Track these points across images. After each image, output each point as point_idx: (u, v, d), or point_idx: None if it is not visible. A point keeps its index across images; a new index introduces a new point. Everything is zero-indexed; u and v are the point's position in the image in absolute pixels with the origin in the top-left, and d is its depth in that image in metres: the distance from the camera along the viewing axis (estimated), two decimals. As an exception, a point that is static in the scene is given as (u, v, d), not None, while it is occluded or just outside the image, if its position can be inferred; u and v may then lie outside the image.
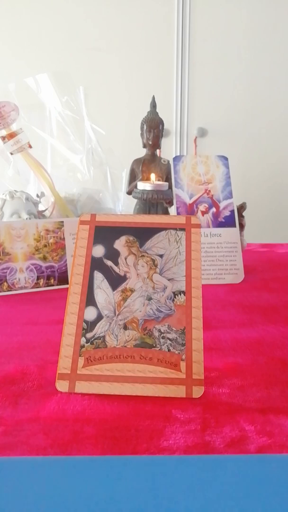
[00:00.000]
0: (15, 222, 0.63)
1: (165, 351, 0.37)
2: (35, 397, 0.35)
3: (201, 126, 1.69)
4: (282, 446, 0.29)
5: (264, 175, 1.71)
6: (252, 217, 1.04)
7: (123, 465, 0.27)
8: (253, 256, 0.88)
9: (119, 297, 0.39)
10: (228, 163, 0.74)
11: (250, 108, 1.67)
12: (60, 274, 0.65)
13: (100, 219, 0.43)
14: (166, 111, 1.59)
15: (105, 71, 1.65)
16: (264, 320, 0.53)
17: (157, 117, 0.78)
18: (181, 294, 0.39)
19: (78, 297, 0.39)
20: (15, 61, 1.62)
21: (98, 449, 0.29)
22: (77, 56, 1.63)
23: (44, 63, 1.60)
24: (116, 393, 0.35)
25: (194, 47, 1.63)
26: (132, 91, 1.64)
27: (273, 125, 1.69)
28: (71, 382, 0.36)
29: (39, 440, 0.30)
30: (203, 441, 0.30)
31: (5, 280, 0.62)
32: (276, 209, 1.73)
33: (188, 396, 0.35)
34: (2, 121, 0.70)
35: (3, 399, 0.35)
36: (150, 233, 0.42)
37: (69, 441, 0.30)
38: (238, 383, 0.38)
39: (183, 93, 1.67)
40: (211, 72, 1.65)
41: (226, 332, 0.49)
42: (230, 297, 0.62)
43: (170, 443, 0.30)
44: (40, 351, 0.44)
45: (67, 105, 0.80)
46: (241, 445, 0.30)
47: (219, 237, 0.69)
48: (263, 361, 0.42)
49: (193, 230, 0.42)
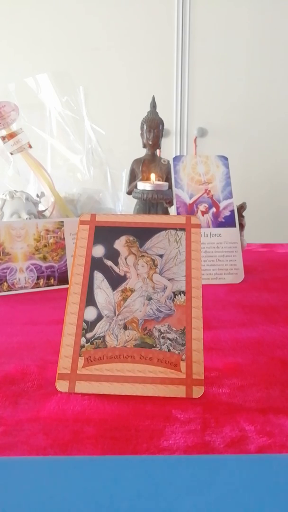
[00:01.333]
0: (15, 222, 0.63)
1: (165, 351, 0.37)
2: (35, 397, 0.35)
3: (201, 126, 1.69)
4: (282, 446, 0.29)
5: (264, 175, 1.71)
6: (252, 217, 1.04)
7: (123, 465, 0.27)
8: (253, 256, 0.88)
9: (119, 297, 0.39)
10: (228, 163, 0.74)
11: (250, 108, 1.67)
12: (60, 274, 0.65)
13: (100, 219, 0.43)
14: (166, 111, 1.59)
15: (105, 71, 1.65)
16: (264, 320, 0.53)
17: (157, 117, 0.78)
18: (181, 294, 0.39)
19: (78, 297, 0.39)
20: (15, 61, 1.62)
21: (98, 449, 0.29)
22: (77, 56, 1.63)
23: (44, 63, 1.60)
24: (116, 393, 0.35)
25: (194, 47, 1.63)
26: (132, 91, 1.64)
27: (273, 125, 1.69)
28: (71, 382, 0.36)
29: (39, 440, 0.30)
30: (203, 441, 0.30)
31: (5, 280, 0.62)
32: (276, 209, 1.73)
33: (188, 396, 0.35)
34: (2, 121, 0.70)
35: (3, 399, 0.35)
36: (150, 233, 0.42)
37: (69, 441, 0.30)
38: (238, 383, 0.38)
39: (183, 93, 1.67)
40: (211, 72, 1.65)
41: (226, 332, 0.49)
42: (230, 297, 0.62)
43: (170, 443, 0.30)
44: (40, 351, 0.44)
45: (67, 105, 0.80)
46: (241, 445, 0.30)
47: (219, 237, 0.69)
48: (263, 361, 0.42)
49: (193, 230, 0.42)
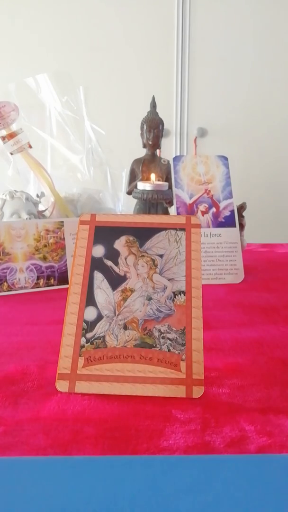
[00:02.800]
0: (15, 222, 0.63)
1: (165, 351, 0.37)
2: (35, 397, 0.35)
3: (201, 126, 1.68)
4: (282, 446, 0.29)
5: (264, 175, 1.71)
6: (252, 217, 1.04)
7: (123, 465, 0.27)
8: (253, 256, 0.88)
9: (119, 297, 0.39)
10: (228, 163, 0.74)
11: (250, 108, 1.67)
12: (60, 274, 0.65)
13: (100, 219, 0.43)
14: (166, 111, 1.59)
15: (105, 71, 1.65)
16: (264, 320, 0.53)
17: (157, 117, 0.78)
18: (181, 294, 0.39)
19: (78, 297, 0.39)
20: (15, 61, 1.62)
21: (98, 449, 0.29)
22: (77, 56, 1.63)
23: (44, 63, 1.60)
24: (116, 393, 0.35)
25: (194, 47, 1.63)
26: (132, 91, 1.64)
27: (273, 125, 1.69)
28: (71, 382, 0.36)
29: (39, 440, 0.30)
30: (203, 441, 0.30)
31: (5, 280, 0.62)
32: (276, 209, 1.73)
33: (188, 396, 0.35)
34: (2, 121, 0.70)
35: (3, 399, 0.35)
36: (150, 233, 0.42)
37: (69, 441, 0.30)
38: (238, 383, 0.38)
39: (183, 93, 1.67)
40: (211, 72, 1.65)
41: (226, 332, 0.49)
42: (230, 297, 0.62)
43: (170, 443, 0.30)
44: (40, 351, 0.44)
45: (67, 105, 0.80)
46: (241, 445, 0.30)
47: (219, 237, 0.69)
48: (263, 361, 0.42)
49: (193, 230, 0.42)
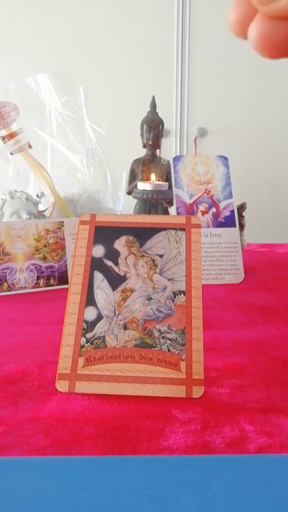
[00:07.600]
0: (15, 222, 0.63)
1: (165, 351, 0.37)
2: (35, 397, 0.35)
3: (201, 126, 1.69)
4: (282, 446, 0.29)
5: (264, 175, 1.71)
6: (252, 217, 1.04)
7: (123, 465, 0.27)
8: (253, 256, 0.88)
9: (119, 297, 0.39)
10: (228, 163, 0.74)
11: (250, 108, 1.67)
12: (60, 274, 0.65)
13: (100, 219, 0.43)
14: (166, 111, 1.59)
15: (105, 71, 1.65)
16: (264, 320, 0.53)
17: (157, 117, 0.78)
18: (181, 294, 0.39)
19: (78, 297, 0.39)
20: (15, 61, 1.62)
21: (98, 449, 0.29)
22: (77, 56, 1.63)
23: (44, 63, 1.60)
24: (116, 393, 0.35)
25: (194, 47, 1.63)
26: (132, 91, 1.64)
27: (273, 125, 1.69)
28: (71, 382, 0.36)
29: (39, 440, 0.30)
30: (203, 441, 0.30)
31: (5, 280, 0.62)
32: (276, 209, 1.73)
33: (188, 396, 0.35)
34: (2, 121, 0.70)
35: (3, 399, 0.35)
36: (150, 233, 0.42)
37: (69, 441, 0.30)
38: (238, 383, 0.38)
39: (183, 93, 1.67)
40: (211, 72, 1.65)
41: (226, 332, 0.49)
42: (230, 297, 0.62)
43: (170, 443, 0.30)
44: (40, 351, 0.44)
45: (67, 105, 0.80)
46: (241, 445, 0.30)
47: (219, 237, 0.69)
48: (263, 361, 0.42)
49: (193, 230, 0.42)
